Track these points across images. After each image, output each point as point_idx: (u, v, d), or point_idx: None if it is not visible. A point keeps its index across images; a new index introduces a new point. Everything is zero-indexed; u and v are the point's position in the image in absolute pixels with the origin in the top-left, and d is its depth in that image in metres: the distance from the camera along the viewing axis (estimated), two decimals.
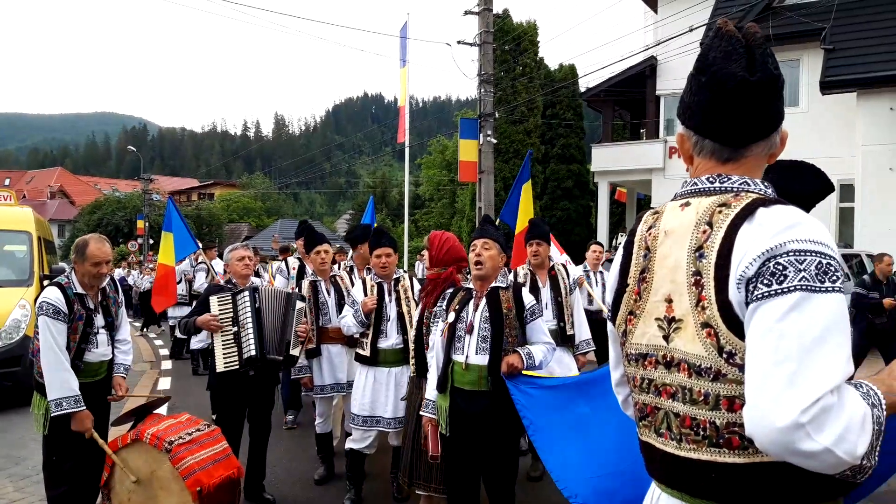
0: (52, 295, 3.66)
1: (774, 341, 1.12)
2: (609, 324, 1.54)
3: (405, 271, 4.83)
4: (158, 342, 13.92)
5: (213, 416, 4.52)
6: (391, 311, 4.50)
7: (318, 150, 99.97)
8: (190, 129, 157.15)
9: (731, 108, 1.29)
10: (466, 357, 3.47)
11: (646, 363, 1.39)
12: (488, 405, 3.41)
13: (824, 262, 1.15)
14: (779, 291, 1.14)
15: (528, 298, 3.66)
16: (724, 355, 1.23)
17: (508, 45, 22.24)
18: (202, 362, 9.51)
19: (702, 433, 1.28)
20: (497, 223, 9.46)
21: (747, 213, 1.24)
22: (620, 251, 1.51)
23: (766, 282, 1.16)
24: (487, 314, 3.48)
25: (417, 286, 4.62)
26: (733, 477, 1.24)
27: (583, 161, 26.68)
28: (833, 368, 1.09)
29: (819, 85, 14.32)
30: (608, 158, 22.66)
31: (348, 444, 4.60)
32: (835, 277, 1.15)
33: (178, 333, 10.93)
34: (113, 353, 3.99)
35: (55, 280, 3.80)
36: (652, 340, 1.37)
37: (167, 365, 10.72)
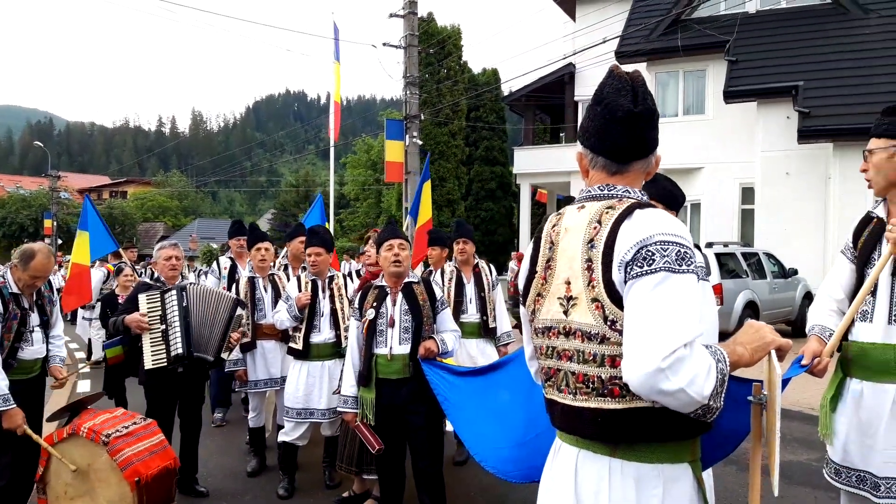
0: None
1: (644, 308, 1.46)
2: (521, 307, 1.85)
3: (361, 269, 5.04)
4: (73, 345, 13.45)
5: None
6: (324, 307, 4.69)
7: (239, 147, 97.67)
8: (100, 124, 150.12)
9: (619, 132, 1.63)
10: (391, 349, 3.80)
11: (550, 334, 1.70)
12: (412, 389, 3.76)
13: (682, 250, 1.50)
14: (648, 271, 1.48)
15: (437, 290, 4.04)
16: (609, 323, 1.56)
17: (433, 48, 22.55)
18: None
19: (591, 386, 1.59)
20: (407, 220, 9.81)
21: (627, 213, 1.57)
22: (530, 245, 1.82)
23: (639, 264, 1.49)
24: (407, 307, 3.84)
25: (352, 284, 4.86)
26: (614, 420, 1.56)
27: (505, 163, 27.34)
28: (686, 328, 1.42)
29: (723, 94, 15.30)
30: (530, 161, 23.35)
31: (281, 437, 4.77)
32: (689, 262, 1.49)
33: (91, 335, 10.67)
34: (47, 349, 4.02)
35: None
36: (555, 315, 1.68)
37: (85, 368, 10.43)
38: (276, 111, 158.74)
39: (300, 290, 4.69)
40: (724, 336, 1.92)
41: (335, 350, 4.68)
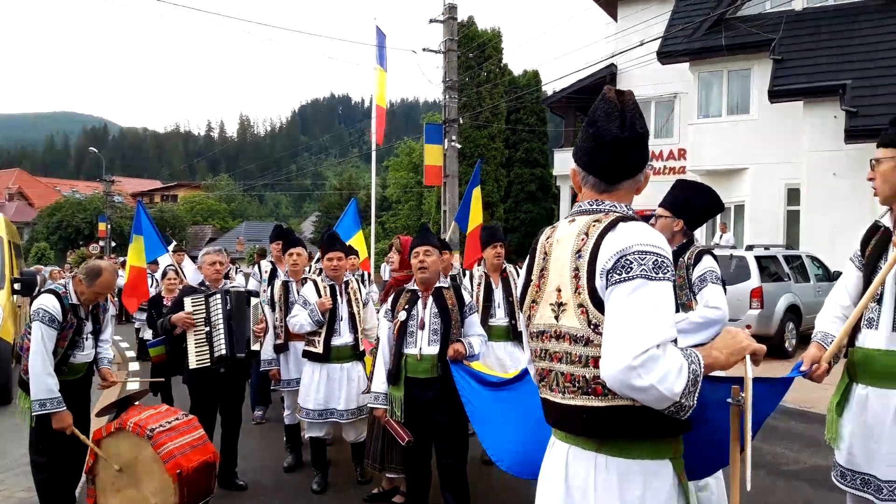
0: (49, 303, 3.91)
1: (620, 311, 1.58)
2: (518, 313, 1.98)
3: (362, 273, 5.22)
4: (124, 344, 13.99)
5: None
6: (343, 311, 4.88)
7: (285, 151, 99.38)
8: (152, 130, 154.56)
9: (607, 155, 1.76)
10: (420, 349, 3.96)
11: (543, 338, 1.84)
12: (440, 389, 3.90)
13: (659, 259, 1.61)
14: (626, 278, 1.60)
15: (466, 295, 4.18)
16: (592, 327, 1.68)
17: (473, 51, 22.69)
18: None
19: (577, 385, 1.72)
20: (451, 225, 9.88)
21: (611, 226, 1.70)
22: (528, 256, 1.95)
23: (618, 272, 1.61)
24: (436, 310, 3.99)
25: (368, 289, 5.04)
26: (598, 417, 1.68)
27: (546, 165, 27.29)
28: (658, 331, 1.54)
29: (767, 94, 15.04)
30: (570, 162, 23.19)
31: (307, 434, 4.99)
32: (665, 271, 1.60)
33: (143, 335, 11.11)
34: (96, 351, 4.29)
35: (51, 287, 4.08)
36: (547, 320, 1.82)
37: (134, 366, 10.88)
38: (320, 115, 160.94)
39: (319, 296, 4.86)
40: (763, 340, 2.00)
41: (353, 353, 4.88)
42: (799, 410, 6.97)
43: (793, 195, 16.09)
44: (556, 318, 1.78)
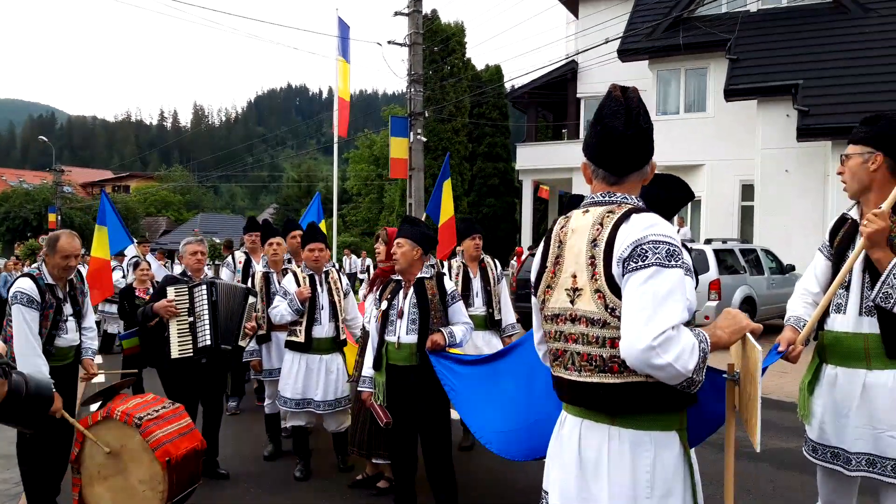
0: (26, 285, 3.94)
1: (638, 297, 1.73)
2: (533, 297, 2.11)
3: (334, 265, 5.30)
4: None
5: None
6: (324, 300, 4.97)
7: (241, 143, 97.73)
8: (102, 118, 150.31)
9: (615, 151, 1.90)
10: (398, 338, 4.08)
11: (558, 320, 1.97)
12: (418, 377, 4.02)
13: (671, 248, 1.76)
14: (642, 266, 1.75)
15: (448, 285, 4.30)
16: (609, 310, 1.82)
17: (437, 45, 22.77)
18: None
19: (594, 364, 1.86)
20: (424, 217, 10.00)
21: (625, 217, 1.84)
22: (542, 244, 2.09)
23: (634, 260, 1.76)
24: (415, 300, 4.10)
25: (349, 280, 5.12)
26: (613, 392, 1.83)
27: (508, 159, 27.59)
28: (673, 314, 1.70)
29: (723, 92, 15.51)
30: (532, 157, 23.59)
31: (288, 423, 5.07)
32: (677, 258, 1.75)
33: (106, 328, 10.96)
34: (80, 339, 4.29)
35: (26, 272, 4.07)
36: (562, 304, 1.95)
37: (98, 360, 10.70)
38: (277, 106, 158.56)
39: (298, 286, 4.93)
40: None
41: (334, 345, 4.98)
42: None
43: (747, 191, 16.65)
44: (572, 302, 1.91)
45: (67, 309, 4.16)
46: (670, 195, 3.37)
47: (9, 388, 1.36)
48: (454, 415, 4.45)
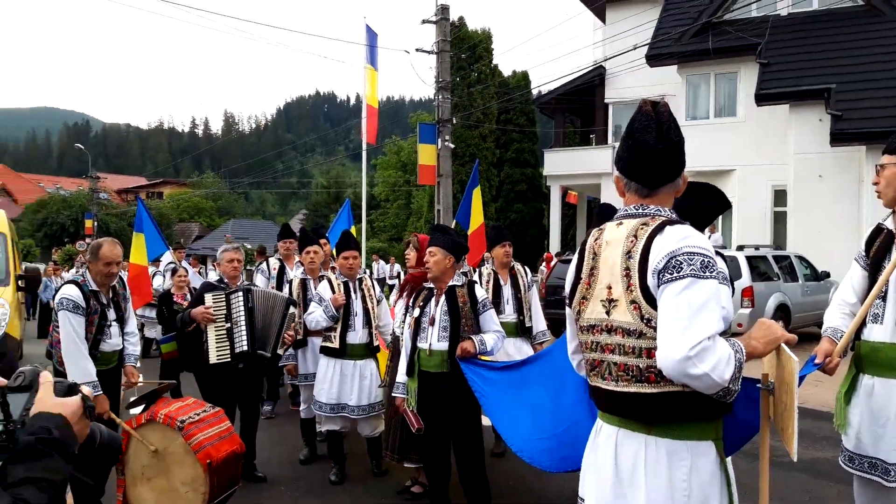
0: (72, 292, 4.09)
1: (674, 308, 1.76)
2: (567, 308, 2.15)
3: (365, 271, 5.39)
4: None
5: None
6: (357, 307, 5.06)
7: (271, 150, 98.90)
8: (135, 126, 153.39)
9: (646, 165, 1.94)
10: (430, 345, 4.15)
11: (594, 331, 2.01)
12: (450, 384, 4.08)
13: (705, 260, 1.79)
14: (677, 277, 1.78)
15: (480, 293, 4.35)
16: (645, 321, 1.86)
17: (464, 52, 22.89)
18: None
19: (631, 374, 1.90)
20: (453, 224, 10.10)
21: (659, 229, 1.87)
22: (576, 256, 2.13)
23: (669, 271, 1.79)
24: (446, 308, 4.16)
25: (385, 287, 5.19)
26: (650, 402, 1.87)
27: (536, 165, 27.58)
28: (709, 324, 1.72)
29: (754, 97, 15.35)
30: (560, 163, 23.52)
31: (323, 428, 5.16)
32: (712, 269, 1.79)
33: (146, 332, 11.19)
34: (123, 344, 4.43)
35: (70, 279, 4.22)
36: (598, 315, 1.99)
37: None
38: (306, 113, 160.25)
39: (333, 292, 5.02)
40: None
41: (367, 351, 5.06)
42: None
43: (779, 196, 16.42)
44: (608, 313, 1.95)
45: (111, 314, 4.31)
46: (704, 205, 3.37)
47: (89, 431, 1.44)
48: (486, 421, 4.50)
